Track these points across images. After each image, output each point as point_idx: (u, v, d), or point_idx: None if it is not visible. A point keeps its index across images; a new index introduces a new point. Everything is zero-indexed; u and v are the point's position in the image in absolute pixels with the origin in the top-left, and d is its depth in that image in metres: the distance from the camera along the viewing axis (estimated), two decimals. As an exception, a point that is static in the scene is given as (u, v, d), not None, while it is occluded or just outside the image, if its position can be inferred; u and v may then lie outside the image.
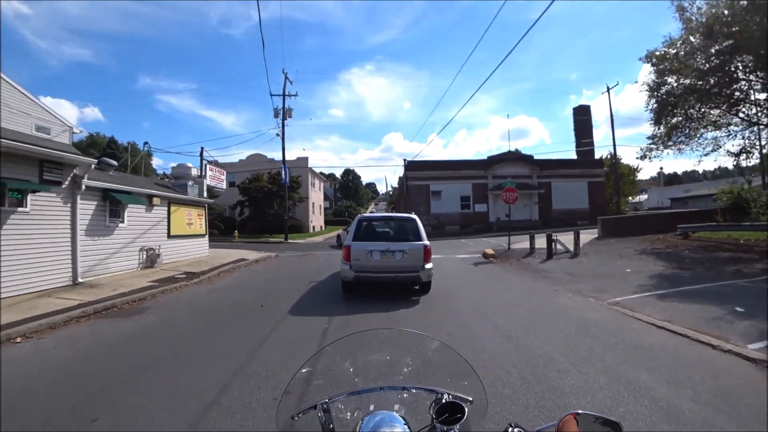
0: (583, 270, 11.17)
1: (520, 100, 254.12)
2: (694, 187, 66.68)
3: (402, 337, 1.51)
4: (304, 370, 1.26)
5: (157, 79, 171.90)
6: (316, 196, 46.14)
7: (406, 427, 1.03)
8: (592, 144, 40.46)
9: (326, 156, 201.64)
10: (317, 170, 51.87)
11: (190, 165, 15.46)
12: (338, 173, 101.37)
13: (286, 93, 29.89)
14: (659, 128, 17.08)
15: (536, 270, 11.62)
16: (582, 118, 41.39)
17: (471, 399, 1.12)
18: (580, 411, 0.86)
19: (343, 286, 8.03)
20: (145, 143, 27.82)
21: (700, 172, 65.48)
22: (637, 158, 19.71)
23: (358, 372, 1.28)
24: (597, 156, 39.96)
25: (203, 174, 17.72)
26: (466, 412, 0.97)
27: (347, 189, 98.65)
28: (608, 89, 35.48)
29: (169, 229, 13.52)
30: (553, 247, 14.08)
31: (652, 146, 18.46)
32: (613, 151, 34.29)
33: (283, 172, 27.69)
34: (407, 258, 7.63)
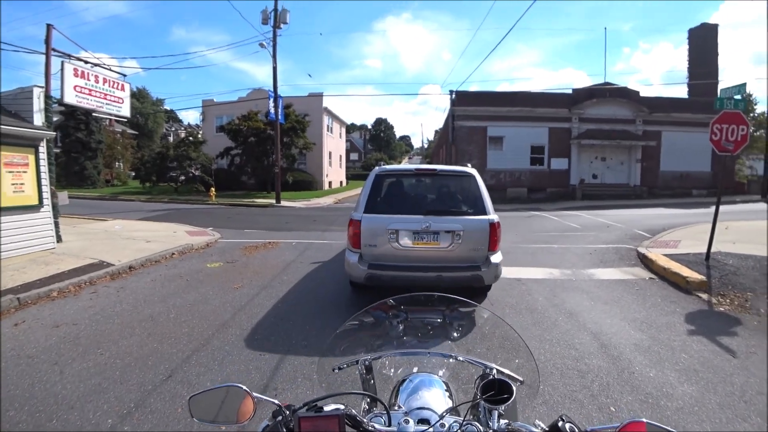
0: None
1: (567, 54, 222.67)
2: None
3: (455, 304, 1.42)
4: (354, 323, 1.26)
5: (191, 31, 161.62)
6: (335, 144, 37.07)
7: (447, 394, 1.01)
8: (716, 77, 28.56)
9: (361, 107, 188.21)
10: (348, 122, 42.41)
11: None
12: (370, 125, 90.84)
13: (282, -13, 20.31)
14: None
15: None
16: (704, 35, 29.24)
17: (522, 380, 1.04)
18: (645, 420, 0.73)
19: (351, 284, 5.01)
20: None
21: None
22: None
23: (408, 330, 1.28)
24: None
25: (51, 78, 8.90)
26: (514, 393, 0.85)
27: (378, 140, 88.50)
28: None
29: None
30: None
31: None
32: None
33: (270, 104, 18.79)
34: (461, 244, 4.39)
